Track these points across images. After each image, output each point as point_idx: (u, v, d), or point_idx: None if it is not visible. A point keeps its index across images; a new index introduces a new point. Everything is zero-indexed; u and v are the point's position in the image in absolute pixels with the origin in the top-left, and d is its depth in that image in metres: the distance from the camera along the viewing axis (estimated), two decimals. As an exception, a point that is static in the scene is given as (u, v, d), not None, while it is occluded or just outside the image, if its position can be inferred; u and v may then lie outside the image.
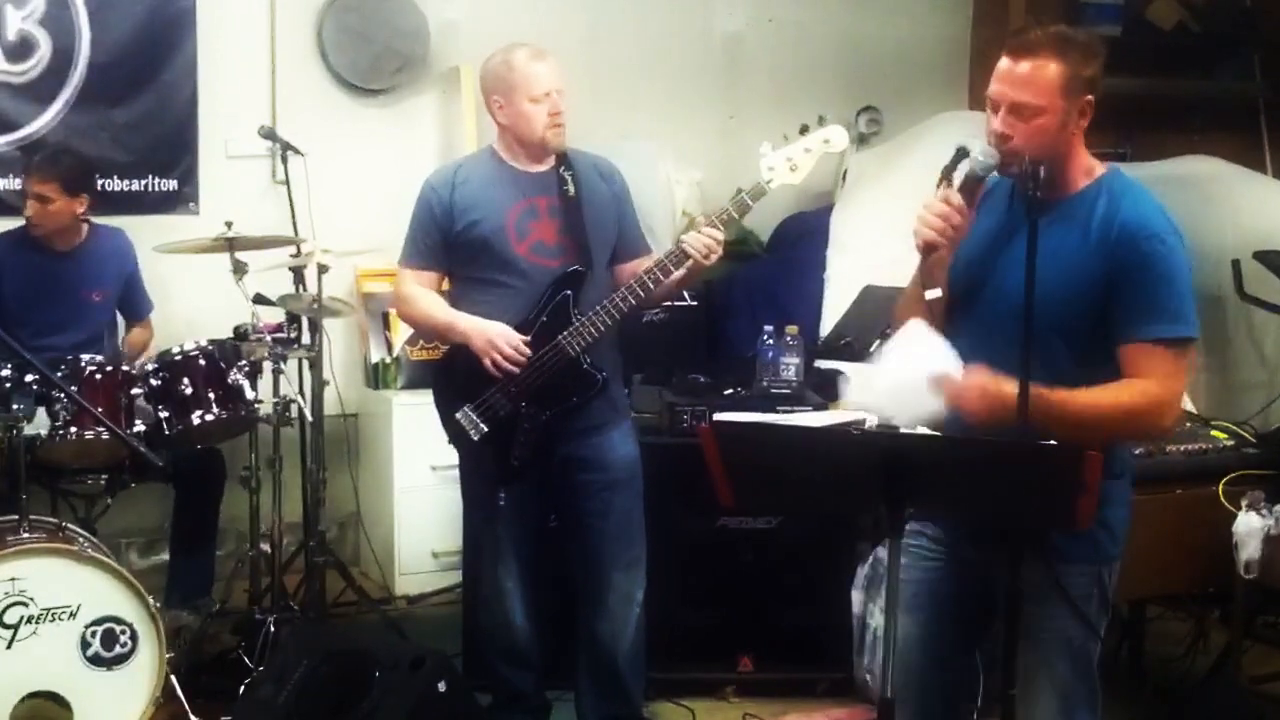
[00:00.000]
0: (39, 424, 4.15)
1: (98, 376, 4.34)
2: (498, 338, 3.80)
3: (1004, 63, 2.79)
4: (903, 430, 2.71)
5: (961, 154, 2.84)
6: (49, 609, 3.85)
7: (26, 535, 3.94)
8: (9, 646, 3.81)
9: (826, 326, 5.47)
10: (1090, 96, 2.78)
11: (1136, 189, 2.84)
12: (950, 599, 2.99)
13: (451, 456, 4.12)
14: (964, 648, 3.03)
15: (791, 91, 6.58)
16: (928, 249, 2.83)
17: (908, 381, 2.76)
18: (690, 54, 6.61)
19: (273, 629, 4.53)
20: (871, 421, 3.44)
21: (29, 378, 4.15)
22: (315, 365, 4.90)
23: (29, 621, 3.83)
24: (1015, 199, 2.86)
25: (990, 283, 2.87)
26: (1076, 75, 2.74)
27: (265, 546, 4.90)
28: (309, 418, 4.85)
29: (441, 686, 3.88)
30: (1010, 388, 2.66)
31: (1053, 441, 2.56)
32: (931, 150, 3.05)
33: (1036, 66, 2.74)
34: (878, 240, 5.36)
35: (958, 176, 2.84)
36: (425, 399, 4.17)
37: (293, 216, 5.27)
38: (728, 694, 4.58)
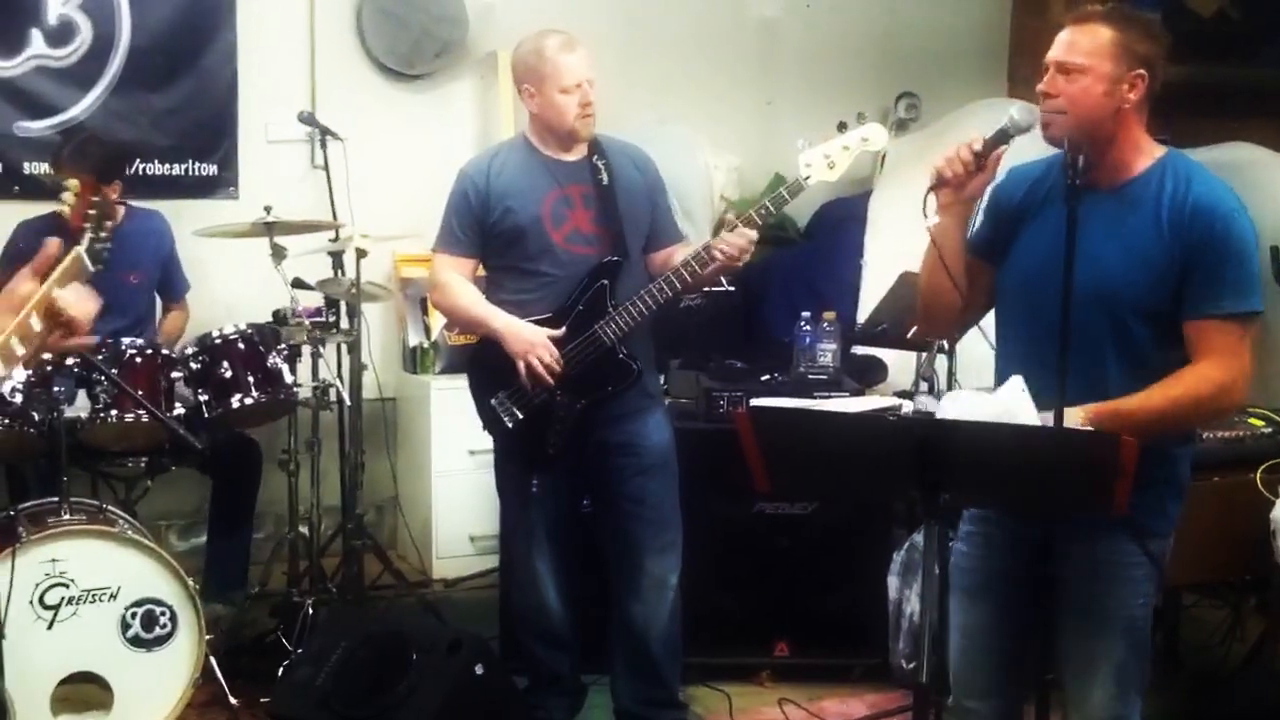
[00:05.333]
0: (80, 407, 4.17)
1: (138, 360, 4.36)
2: (539, 346, 3.80)
3: (1063, 32, 2.83)
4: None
5: (1001, 135, 2.85)
6: (89, 590, 3.88)
7: (67, 517, 3.96)
8: (50, 627, 3.83)
9: (863, 312, 5.45)
10: (1142, 71, 2.78)
11: (1200, 168, 2.86)
12: (1015, 584, 2.99)
13: (488, 441, 4.13)
14: (1028, 633, 3.02)
15: (829, 77, 6.55)
16: (936, 180, 2.90)
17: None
18: (727, 39, 6.60)
19: (311, 611, 4.56)
20: (908, 407, 3.44)
21: (70, 360, 4.18)
22: (354, 349, 4.92)
23: (70, 603, 3.86)
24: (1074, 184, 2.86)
25: (1056, 273, 2.86)
26: (1129, 46, 2.77)
27: (304, 529, 4.93)
28: (347, 402, 4.87)
29: (479, 669, 3.90)
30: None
31: (1090, 427, 2.55)
32: (970, 136, 3.03)
33: (1089, 30, 2.78)
34: (915, 226, 5.32)
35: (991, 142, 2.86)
36: (463, 383, 4.18)
37: (331, 201, 5.30)
38: (763, 679, 4.58)
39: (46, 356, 4.15)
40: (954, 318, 3.08)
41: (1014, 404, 2.70)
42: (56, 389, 4.03)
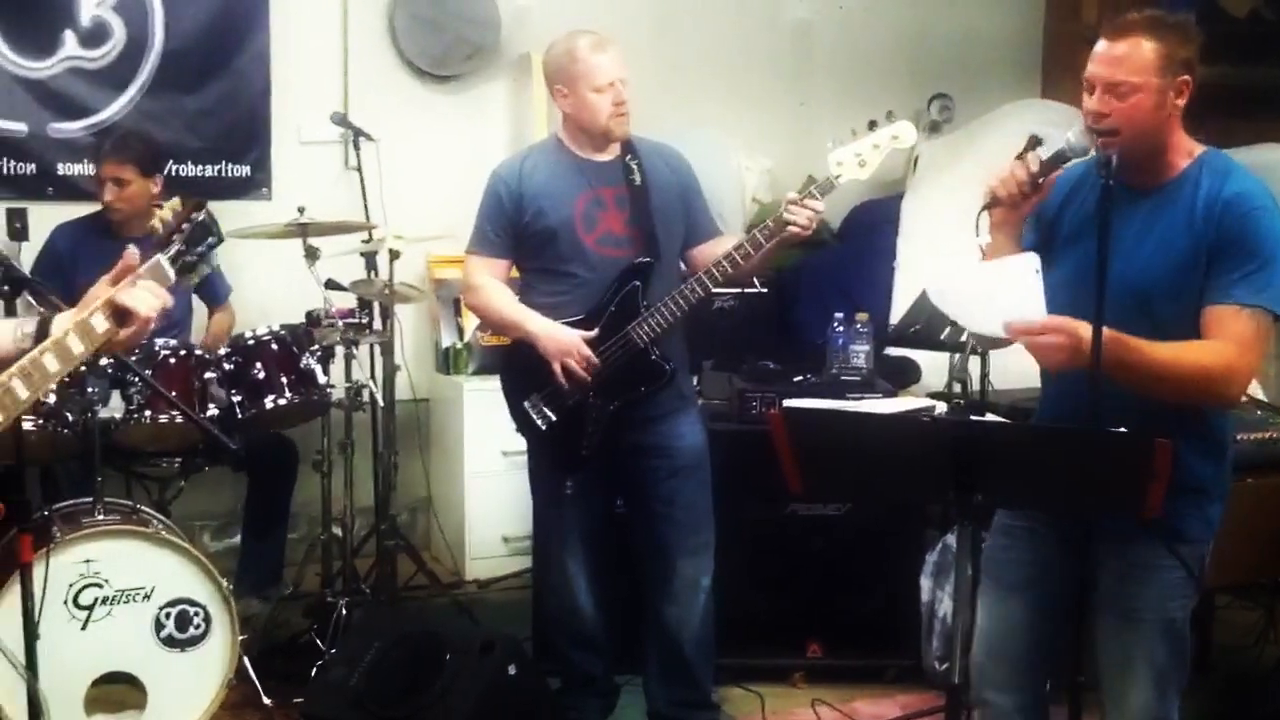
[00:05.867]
0: (113, 407, 4.18)
1: (171, 360, 4.38)
2: (573, 348, 3.80)
3: (1101, 44, 2.82)
4: (974, 418, 2.70)
5: (1033, 143, 2.86)
6: (123, 590, 3.89)
7: (101, 517, 3.97)
8: (84, 627, 3.84)
9: (896, 314, 5.43)
10: (1186, 77, 2.78)
11: (1239, 166, 2.85)
12: (1049, 580, 2.97)
13: (522, 442, 4.13)
14: (1057, 631, 3.00)
15: (862, 79, 6.53)
16: (990, 199, 2.87)
17: (990, 296, 2.75)
18: (760, 41, 6.59)
19: (344, 612, 4.57)
20: (942, 410, 3.43)
21: (104, 361, 4.19)
22: (387, 350, 4.93)
23: (104, 603, 3.87)
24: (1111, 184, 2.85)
25: (1093, 273, 2.85)
26: (1172, 55, 2.76)
27: (337, 530, 4.94)
28: (380, 403, 4.88)
29: (512, 670, 3.90)
30: (1086, 330, 2.64)
31: (1123, 429, 2.53)
32: (1003, 139, 3.02)
33: (1132, 45, 2.76)
34: (949, 227, 5.31)
35: (1040, 153, 2.86)
36: (496, 385, 4.18)
37: (364, 202, 5.31)
38: (796, 680, 4.57)
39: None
40: None
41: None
42: (90, 390, 4.04)
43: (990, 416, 2.80)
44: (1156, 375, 2.70)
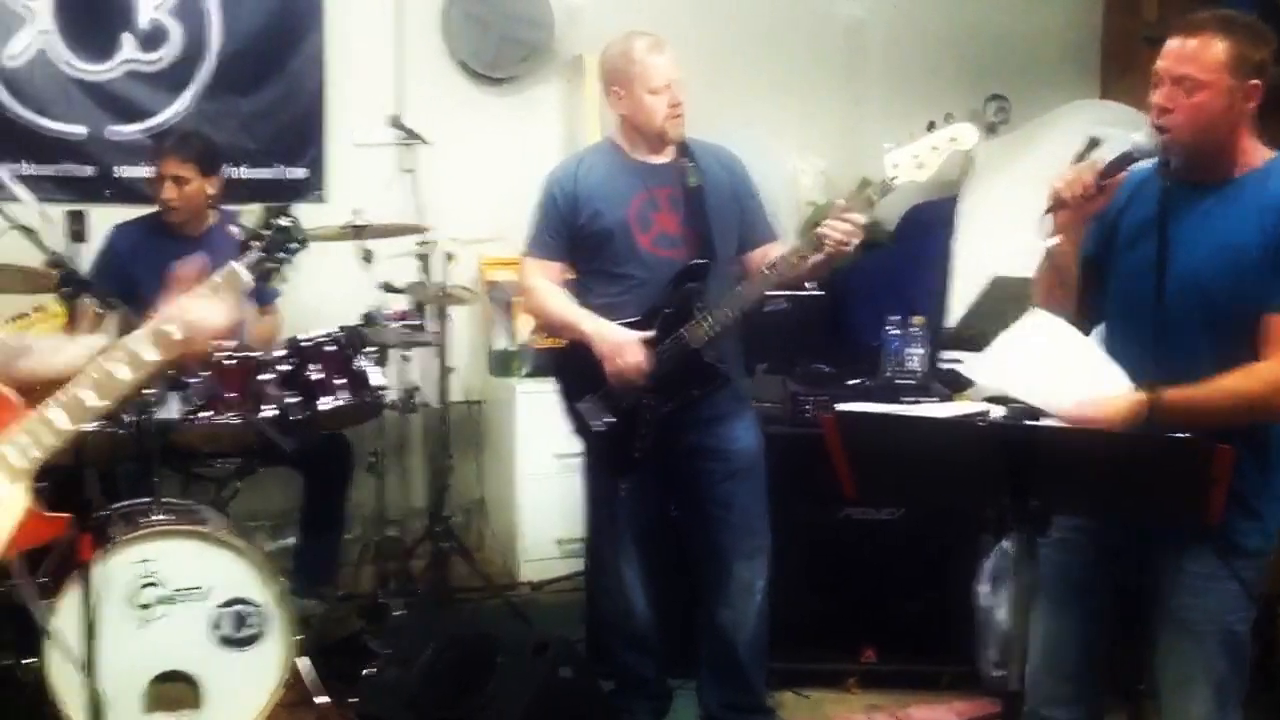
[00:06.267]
0: (171, 408, 4.21)
1: (228, 362, 4.40)
2: (628, 348, 3.80)
3: (1171, 41, 2.79)
4: (1030, 421, 2.67)
5: (1093, 144, 2.83)
6: (181, 590, 3.92)
7: (159, 517, 4.01)
8: (142, 626, 3.87)
9: (953, 317, 5.40)
10: (1257, 81, 2.75)
11: None
12: (1104, 592, 2.94)
13: (575, 445, 4.14)
14: (1114, 644, 2.97)
15: (917, 79, 6.49)
16: (1055, 201, 2.85)
17: (1047, 370, 2.73)
18: (813, 41, 6.56)
19: (398, 613, 4.59)
20: (997, 413, 3.39)
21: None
22: (441, 353, 4.95)
23: (162, 602, 3.89)
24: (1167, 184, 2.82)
25: (1152, 271, 2.82)
26: (1243, 56, 2.73)
27: (392, 531, 4.96)
28: (434, 405, 4.90)
29: (564, 672, 3.90)
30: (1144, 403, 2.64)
31: (1185, 434, 2.50)
32: (1061, 139, 2.98)
33: (1203, 42, 2.73)
34: (1006, 230, 5.28)
35: (1104, 154, 2.84)
36: (549, 387, 4.18)
37: (418, 205, 5.32)
38: (850, 685, 4.55)
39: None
40: None
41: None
42: (148, 391, 4.07)
43: (1047, 421, 2.76)
44: (1224, 417, 2.67)
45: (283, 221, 2.58)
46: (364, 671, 4.27)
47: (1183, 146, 2.75)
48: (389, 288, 4.81)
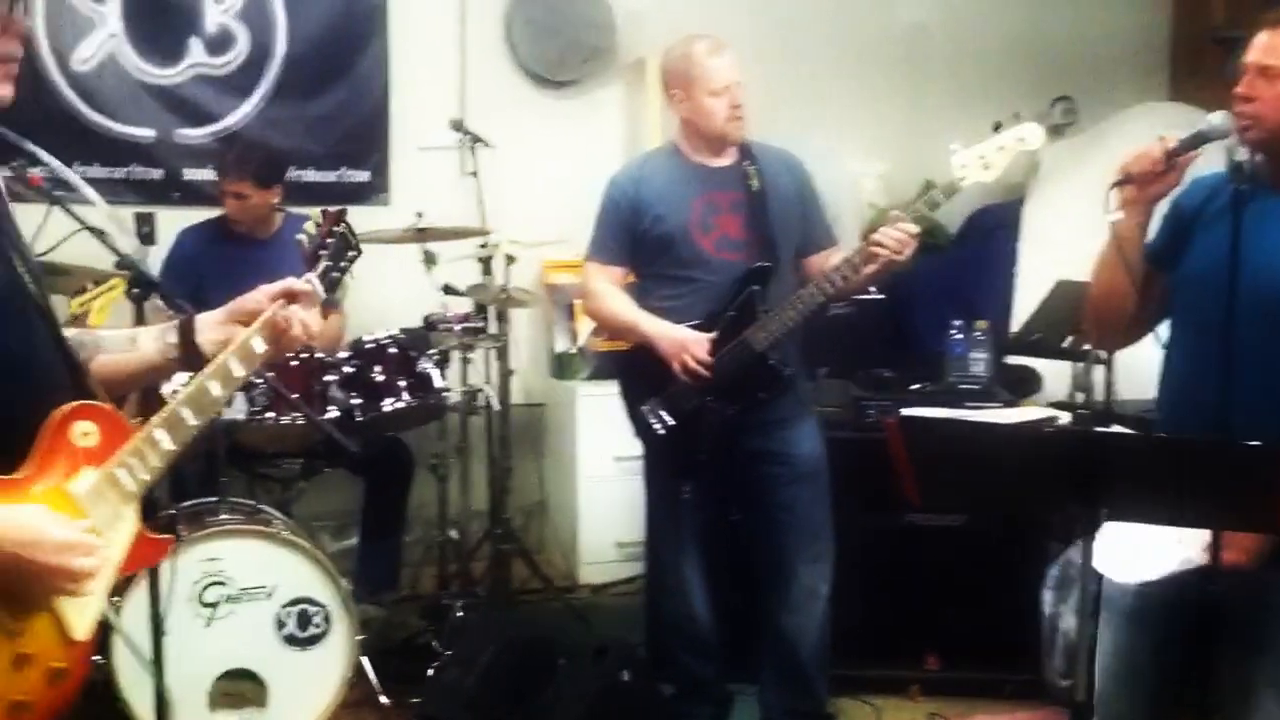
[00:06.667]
0: (237, 409, 4.24)
1: (293, 363, 4.42)
2: (691, 344, 3.80)
3: (1260, 35, 2.74)
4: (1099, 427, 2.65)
5: (1199, 138, 2.78)
6: (246, 589, 3.95)
7: (225, 516, 4.05)
8: (208, 625, 3.91)
9: (1017, 321, 5.36)
10: None
11: None
12: (1176, 607, 2.88)
13: (635, 447, 4.13)
14: (1187, 662, 2.92)
15: (980, 81, 6.45)
16: (1122, 175, 2.81)
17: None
18: (875, 43, 6.53)
19: (460, 614, 4.60)
20: (1065, 419, 3.37)
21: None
22: (502, 355, 4.96)
23: (228, 601, 3.93)
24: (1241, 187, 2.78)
25: (1223, 278, 2.78)
26: None
27: (453, 533, 4.98)
28: (496, 407, 4.91)
29: (625, 675, 3.91)
30: None
31: (1258, 441, 2.46)
32: (1129, 142, 2.93)
33: None
34: (1072, 234, 5.23)
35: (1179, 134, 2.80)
36: (610, 390, 4.19)
37: (481, 208, 5.34)
38: (913, 692, 4.52)
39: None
40: (1124, 324, 2.99)
41: None
42: (215, 392, 4.10)
43: (1115, 427, 2.72)
44: None
45: (340, 229, 2.59)
46: (425, 672, 4.29)
47: (1264, 136, 2.70)
48: (451, 290, 4.83)
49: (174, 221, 5.10)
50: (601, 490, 5.53)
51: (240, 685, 3.97)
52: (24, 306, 2.16)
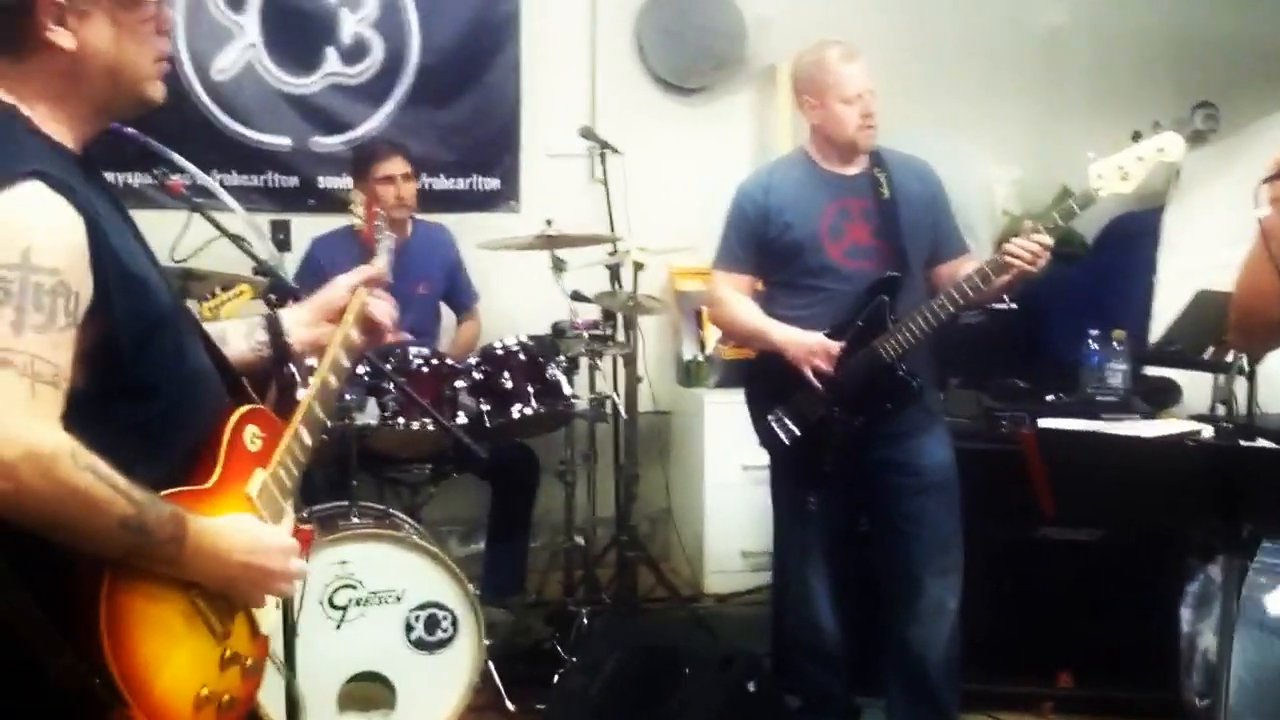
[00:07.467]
0: (369, 414, 4.30)
1: (424, 369, 4.47)
2: (819, 350, 3.76)
3: None
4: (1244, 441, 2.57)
5: None
6: (376, 592, 3.99)
7: (356, 521, 4.10)
8: (339, 627, 3.95)
9: (1156, 332, 5.24)
10: None
11: None
12: None
13: (762, 456, 4.11)
14: None
15: (1118, 85, 6.32)
16: (1274, 169, 2.67)
17: None
18: (1009, 47, 6.43)
19: (585, 621, 4.62)
20: (1208, 433, 3.28)
21: (360, 369, 4.30)
22: (630, 362, 4.97)
23: (357, 604, 3.97)
24: None
25: None
26: None
27: (579, 540, 4.99)
28: (623, 414, 4.92)
29: (751, 686, 3.88)
30: None
31: None
32: (1273, 149, 2.84)
33: None
34: (1213, 242, 5.11)
35: None
36: (737, 398, 4.16)
37: (609, 214, 5.35)
38: (1046, 710, 4.42)
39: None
40: (1272, 328, 2.88)
41: None
42: (347, 397, 4.16)
43: (1260, 441, 2.65)
44: None
45: (377, 209, 2.73)
46: (550, 677, 4.30)
47: None
48: (579, 297, 4.84)
49: (308, 228, 5.19)
50: (728, 499, 5.51)
51: (369, 688, 4.01)
52: (188, 319, 2.21)
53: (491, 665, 4.22)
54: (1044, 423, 4.08)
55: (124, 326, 1.93)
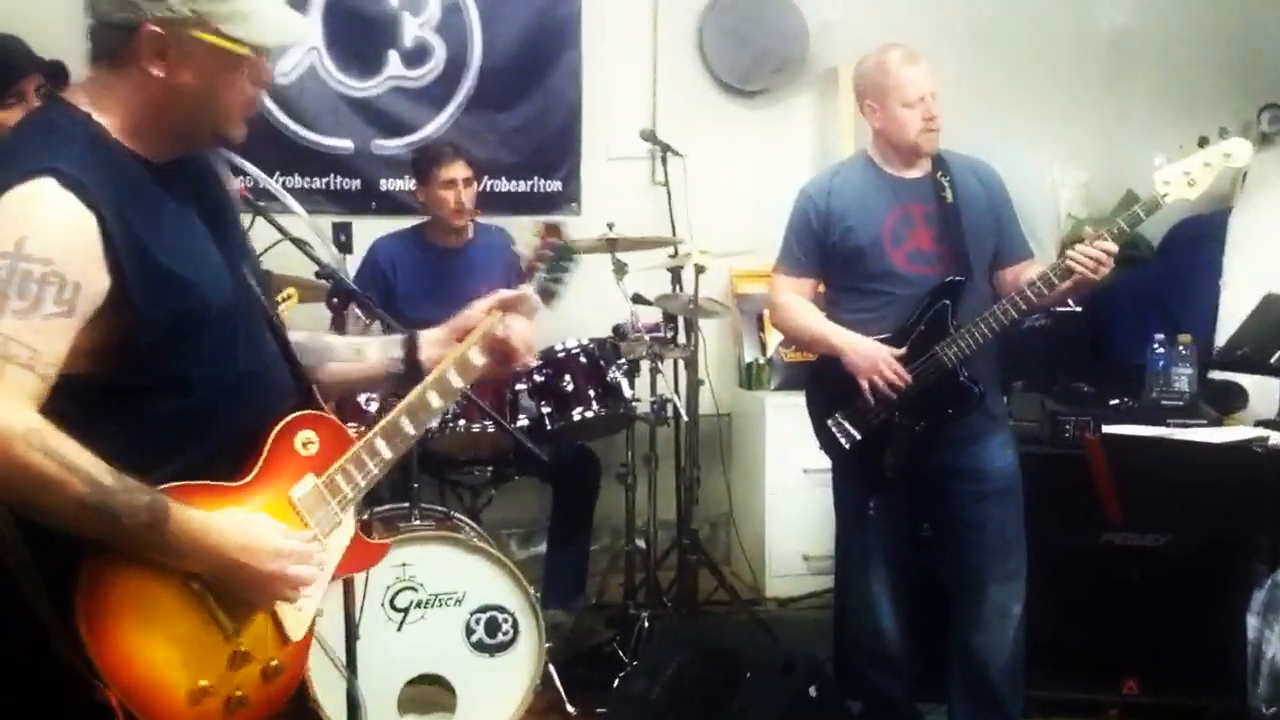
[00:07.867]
0: (431, 416, 4.32)
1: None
2: (881, 361, 3.74)
3: None
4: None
5: None
6: (437, 595, 4.01)
7: (417, 523, 4.12)
8: (399, 629, 3.98)
9: (1222, 336, 5.18)
10: None
11: None
12: None
13: (823, 459, 4.09)
14: None
15: (1184, 88, 6.25)
16: None
17: None
18: (1074, 50, 6.37)
19: (646, 624, 4.62)
20: (1275, 438, 3.23)
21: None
22: (691, 365, 4.96)
23: (418, 606, 4.00)
24: None
25: None
26: None
27: (640, 543, 4.99)
28: (684, 417, 4.92)
29: (812, 691, 3.86)
30: None
31: None
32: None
33: None
34: (1281, 245, 5.07)
35: None
36: (798, 400, 4.15)
37: (671, 217, 5.35)
38: (1112, 717, 4.38)
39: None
40: None
41: None
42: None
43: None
44: None
45: (560, 241, 2.62)
46: (611, 681, 4.31)
47: None
48: (640, 300, 4.85)
49: (369, 231, 5.21)
50: (789, 502, 5.49)
51: (429, 690, 4.03)
52: (257, 320, 2.23)
53: (552, 668, 4.23)
54: (1109, 428, 4.04)
55: (146, 321, 1.97)
